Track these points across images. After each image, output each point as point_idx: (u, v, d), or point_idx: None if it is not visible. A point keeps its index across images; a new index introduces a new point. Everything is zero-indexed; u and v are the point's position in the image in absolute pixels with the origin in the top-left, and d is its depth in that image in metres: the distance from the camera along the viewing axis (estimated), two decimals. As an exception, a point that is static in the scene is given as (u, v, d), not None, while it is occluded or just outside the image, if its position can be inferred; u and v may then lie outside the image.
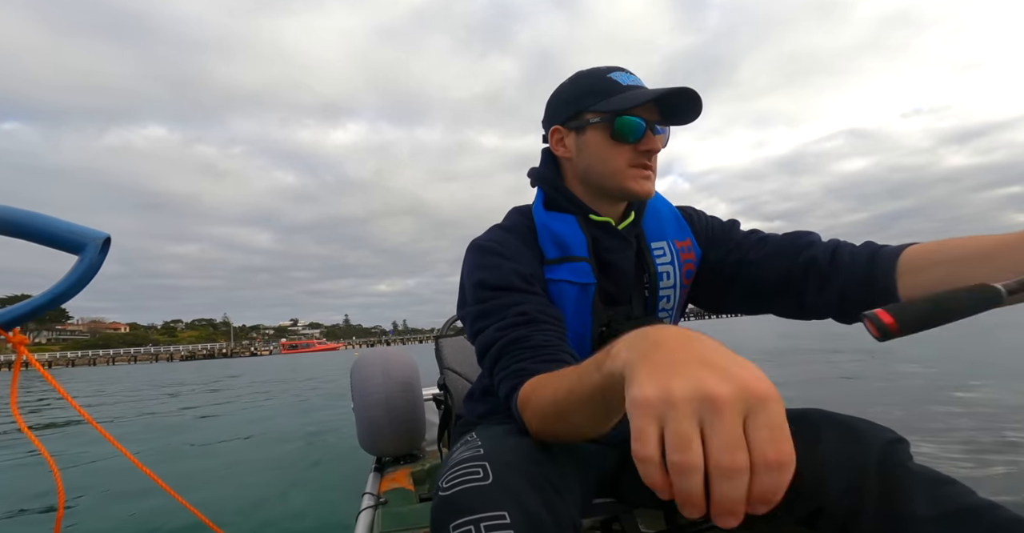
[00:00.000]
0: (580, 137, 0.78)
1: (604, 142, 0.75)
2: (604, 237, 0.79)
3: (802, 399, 3.40)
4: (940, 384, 4.18)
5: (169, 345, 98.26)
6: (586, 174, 0.79)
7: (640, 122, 0.73)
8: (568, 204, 0.81)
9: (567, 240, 0.77)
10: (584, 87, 0.78)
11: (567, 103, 0.79)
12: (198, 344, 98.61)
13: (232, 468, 3.02)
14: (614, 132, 0.74)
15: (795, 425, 0.65)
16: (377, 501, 1.33)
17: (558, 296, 0.75)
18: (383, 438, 1.68)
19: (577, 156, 0.79)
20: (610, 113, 0.74)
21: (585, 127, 0.76)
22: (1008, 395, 3.56)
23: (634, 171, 0.75)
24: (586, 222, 0.79)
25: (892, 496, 0.58)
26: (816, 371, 5.28)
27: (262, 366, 23.09)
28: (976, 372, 4.62)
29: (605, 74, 0.77)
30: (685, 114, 0.75)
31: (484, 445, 0.62)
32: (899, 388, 4.27)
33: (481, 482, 0.54)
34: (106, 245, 0.62)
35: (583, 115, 0.77)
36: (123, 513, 2.27)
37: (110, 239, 0.63)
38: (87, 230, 0.61)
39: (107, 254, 0.63)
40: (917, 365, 5.38)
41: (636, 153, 0.75)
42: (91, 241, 0.60)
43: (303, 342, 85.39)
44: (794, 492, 0.63)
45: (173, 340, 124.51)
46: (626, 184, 0.76)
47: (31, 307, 0.61)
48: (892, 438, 0.62)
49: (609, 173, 0.76)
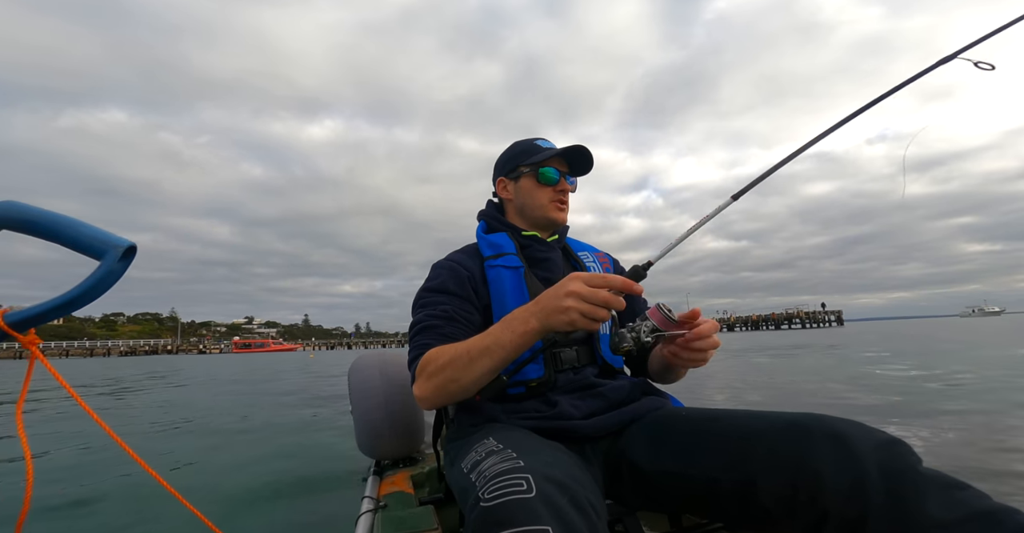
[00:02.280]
0: (516, 184, 1.10)
1: (533, 185, 1.09)
2: (534, 244, 1.09)
3: (792, 403, 3.52)
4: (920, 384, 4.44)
5: (108, 340, 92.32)
6: (522, 208, 1.11)
7: (555, 171, 1.08)
8: (502, 226, 1.12)
9: (499, 244, 1.06)
10: (518, 150, 1.11)
11: (508, 161, 1.13)
12: (140, 339, 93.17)
13: (226, 469, 2.90)
14: (539, 178, 1.08)
15: (787, 430, 0.72)
16: (376, 505, 1.31)
17: (498, 279, 1.01)
18: (382, 441, 1.65)
19: (516, 197, 1.11)
20: (535, 165, 1.08)
21: (520, 176, 1.10)
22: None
23: (553, 205, 1.09)
24: (516, 236, 1.09)
25: (902, 500, 0.58)
26: (797, 374, 5.39)
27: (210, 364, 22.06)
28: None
29: (533, 141, 1.11)
30: (583, 166, 1.11)
31: (521, 457, 0.64)
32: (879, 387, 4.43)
33: (525, 495, 0.55)
34: (129, 253, 0.62)
35: (518, 168, 1.10)
36: (114, 512, 2.16)
37: (135, 247, 0.63)
38: (111, 237, 0.61)
39: (131, 262, 0.63)
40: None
41: (555, 192, 1.09)
42: (112, 248, 0.60)
43: (257, 341, 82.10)
44: (793, 497, 0.65)
45: (112, 334, 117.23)
46: (549, 214, 1.09)
47: (45, 309, 0.61)
48: (887, 440, 0.64)
49: (537, 206, 1.09)
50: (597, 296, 0.72)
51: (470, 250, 1.10)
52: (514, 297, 0.98)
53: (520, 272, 1.01)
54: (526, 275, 1.01)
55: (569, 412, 0.90)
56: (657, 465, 0.82)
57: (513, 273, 1.01)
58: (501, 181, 1.13)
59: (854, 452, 0.63)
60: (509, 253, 1.04)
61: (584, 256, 1.14)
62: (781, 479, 0.67)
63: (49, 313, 0.61)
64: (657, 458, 0.82)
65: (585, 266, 1.11)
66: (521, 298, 0.98)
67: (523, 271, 1.01)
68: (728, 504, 0.73)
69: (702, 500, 0.77)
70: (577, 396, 0.94)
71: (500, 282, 1.00)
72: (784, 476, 0.67)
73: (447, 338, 0.91)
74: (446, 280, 1.01)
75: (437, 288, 1.00)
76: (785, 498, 0.66)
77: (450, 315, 0.95)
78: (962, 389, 4.64)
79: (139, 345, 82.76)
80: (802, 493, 0.65)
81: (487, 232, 1.12)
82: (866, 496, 0.60)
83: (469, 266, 1.04)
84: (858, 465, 0.62)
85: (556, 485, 0.57)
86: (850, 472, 0.62)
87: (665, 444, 0.83)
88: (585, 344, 1.02)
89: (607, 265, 1.15)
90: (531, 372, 0.95)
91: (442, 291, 0.99)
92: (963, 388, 4.70)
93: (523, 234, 1.09)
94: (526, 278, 1.01)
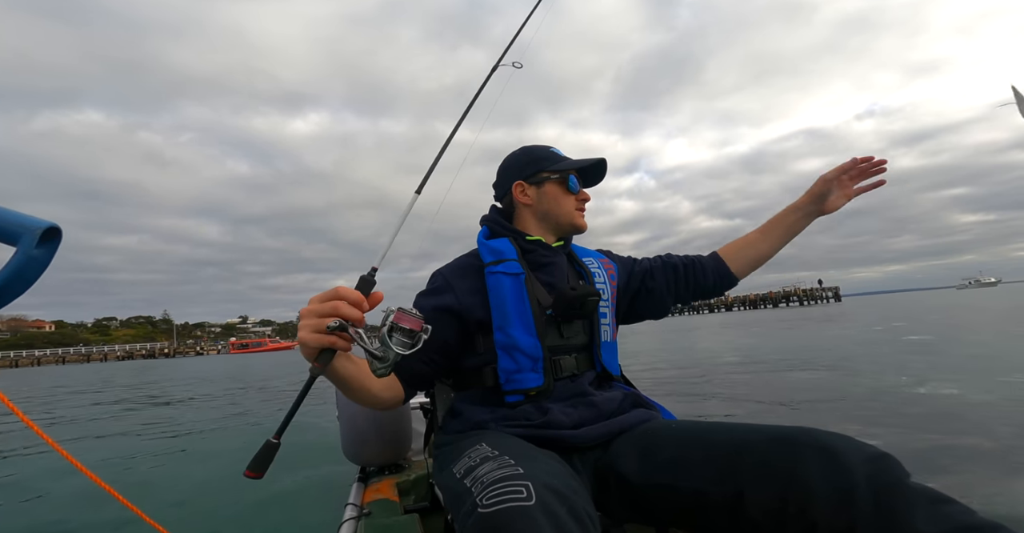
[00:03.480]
0: (540, 189, 1.10)
1: (560, 192, 1.10)
2: (538, 248, 1.07)
3: (773, 414, 3.54)
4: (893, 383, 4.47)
5: (103, 345, 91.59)
6: (545, 214, 1.10)
7: (577, 180, 1.11)
8: (505, 231, 1.10)
9: (500, 249, 1.04)
10: (538, 155, 1.12)
11: (527, 165, 1.12)
12: (136, 343, 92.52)
13: (205, 476, 2.88)
14: (568, 185, 1.09)
15: (776, 443, 0.72)
16: (360, 512, 1.30)
17: (497, 286, 0.98)
18: (368, 447, 1.64)
19: (538, 202, 1.10)
20: (563, 173, 1.10)
21: (544, 182, 1.10)
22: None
23: (578, 212, 1.11)
24: (519, 241, 1.07)
25: (891, 513, 0.59)
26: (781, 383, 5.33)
27: (211, 367, 22.00)
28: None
29: (547, 148, 1.13)
30: (597, 177, 1.17)
31: (520, 464, 0.64)
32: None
33: (525, 502, 0.55)
34: (50, 235, 0.54)
35: (540, 173, 1.10)
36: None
37: (57, 229, 0.54)
38: (25, 218, 0.53)
39: (57, 247, 0.56)
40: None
41: (578, 201, 1.11)
42: (27, 231, 0.52)
43: (254, 341, 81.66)
44: (782, 510, 0.65)
45: (106, 339, 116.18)
46: (575, 221, 1.11)
47: None
48: (875, 453, 0.65)
49: (564, 213, 1.10)
50: (324, 309, 0.67)
51: (471, 256, 1.09)
52: (514, 304, 0.97)
53: (521, 278, 0.99)
54: (527, 281, 1.00)
55: (560, 421, 0.90)
56: (645, 477, 0.82)
57: (513, 280, 0.99)
58: (519, 185, 1.11)
59: (843, 465, 0.63)
60: (510, 259, 1.02)
61: (589, 262, 1.13)
62: (770, 492, 0.68)
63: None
64: (645, 470, 0.82)
65: (590, 271, 1.10)
66: (521, 305, 0.97)
67: (524, 277, 1.00)
68: (717, 517, 0.73)
69: (690, 513, 0.77)
70: (570, 403, 0.95)
71: (500, 289, 0.99)
72: (773, 489, 0.67)
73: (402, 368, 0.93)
74: (442, 289, 1.01)
75: (417, 304, 1.01)
76: (774, 511, 0.67)
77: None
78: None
79: (136, 349, 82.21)
80: (791, 506, 0.65)
81: (488, 237, 1.10)
82: (855, 509, 0.61)
83: (469, 274, 1.03)
84: (847, 478, 0.62)
85: (555, 494, 0.57)
86: (839, 485, 0.62)
87: (653, 456, 0.83)
88: (585, 351, 1.03)
89: (611, 271, 1.14)
90: (530, 381, 0.95)
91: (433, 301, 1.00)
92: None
93: (527, 239, 1.08)
94: (527, 284, 0.99)
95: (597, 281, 1.08)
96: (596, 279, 1.09)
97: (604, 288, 1.08)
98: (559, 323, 1.00)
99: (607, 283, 1.10)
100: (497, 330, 0.97)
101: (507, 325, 0.96)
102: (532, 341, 0.95)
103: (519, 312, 0.96)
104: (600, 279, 1.09)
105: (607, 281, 1.10)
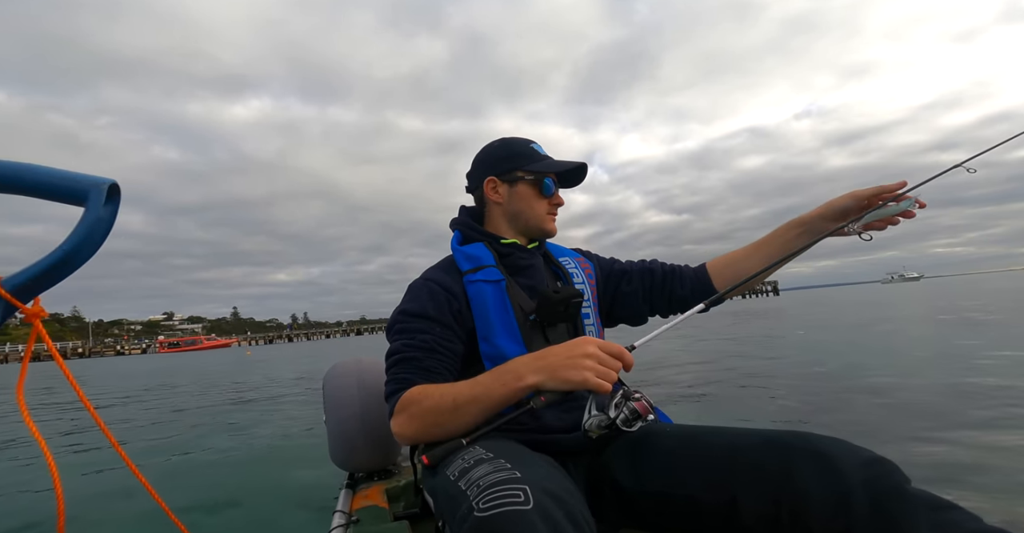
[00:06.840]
0: (512, 188, 1.05)
1: (533, 194, 1.04)
2: (515, 251, 1.04)
3: (762, 414, 3.42)
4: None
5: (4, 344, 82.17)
6: (515, 215, 1.06)
7: (553, 183, 1.06)
8: (479, 236, 1.06)
9: (477, 255, 1.01)
10: (516, 150, 1.05)
11: (502, 160, 1.06)
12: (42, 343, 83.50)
13: (186, 480, 2.71)
14: (542, 188, 1.04)
15: (770, 448, 0.73)
16: (348, 519, 1.27)
17: (479, 295, 0.96)
18: (357, 453, 1.60)
19: (508, 202, 1.05)
20: (539, 174, 1.04)
21: (517, 181, 1.04)
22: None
23: (550, 216, 1.07)
24: (495, 245, 1.04)
25: (889, 519, 0.58)
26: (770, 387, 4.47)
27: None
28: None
29: (528, 144, 1.06)
30: (575, 180, 1.11)
31: (517, 467, 0.62)
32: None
33: (522, 506, 0.54)
34: (114, 192, 0.53)
35: (515, 172, 1.04)
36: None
37: (117, 185, 0.54)
38: (86, 177, 0.52)
39: (119, 203, 0.55)
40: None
41: (550, 204, 1.06)
42: (94, 188, 0.51)
43: (187, 339, 75.67)
44: (776, 515, 0.67)
45: (6, 338, 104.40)
46: (545, 225, 1.06)
47: (41, 269, 0.50)
48: (872, 458, 0.64)
49: (534, 215, 1.05)
50: (611, 362, 0.75)
51: (446, 265, 1.04)
52: (498, 313, 0.95)
53: (502, 285, 0.97)
54: (508, 288, 0.97)
55: (552, 425, 0.90)
56: (639, 483, 0.81)
57: (495, 287, 0.97)
58: (492, 181, 1.06)
59: (838, 470, 0.63)
60: (488, 266, 0.99)
61: (566, 262, 1.11)
62: (764, 497, 0.68)
63: (47, 274, 0.51)
64: (639, 476, 0.82)
65: (567, 272, 1.08)
66: (505, 313, 0.95)
67: (504, 284, 0.97)
68: (711, 522, 0.73)
69: (684, 518, 0.77)
70: (563, 408, 0.92)
71: (482, 298, 0.96)
72: (767, 494, 0.67)
73: (429, 373, 0.89)
74: (425, 303, 0.95)
75: (415, 312, 0.94)
76: (768, 516, 0.67)
77: (430, 346, 0.91)
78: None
79: (43, 350, 74.48)
80: (785, 511, 0.65)
81: (462, 243, 1.06)
82: (850, 515, 0.60)
83: (448, 285, 0.97)
84: (842, 483, 0.62)
85: (553, 498, 0.57)
86: (834, 490, 0.62)
87: (647, 462, 0.83)
88: None
89: (588, 270, 1.13)
90: None
91: (421, 316, 0.94)
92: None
93: (502, 242, 1.04)
94: (508, 291, 0.97)
95: (576, 281, 1.07)
96: (575, 279, 1.07)
97: (584, 288, 1.06)
98: (544, 328, 0.98)
99: (586, 283, 1.08)
100: (482, 340, 0.94)
101: (491, 335, 0.94)
102: (518, 349, 0.92)
103: (503, 321, 0.94)
104: (578, 279, 1.08)
105: (585, 281, 1.08)
